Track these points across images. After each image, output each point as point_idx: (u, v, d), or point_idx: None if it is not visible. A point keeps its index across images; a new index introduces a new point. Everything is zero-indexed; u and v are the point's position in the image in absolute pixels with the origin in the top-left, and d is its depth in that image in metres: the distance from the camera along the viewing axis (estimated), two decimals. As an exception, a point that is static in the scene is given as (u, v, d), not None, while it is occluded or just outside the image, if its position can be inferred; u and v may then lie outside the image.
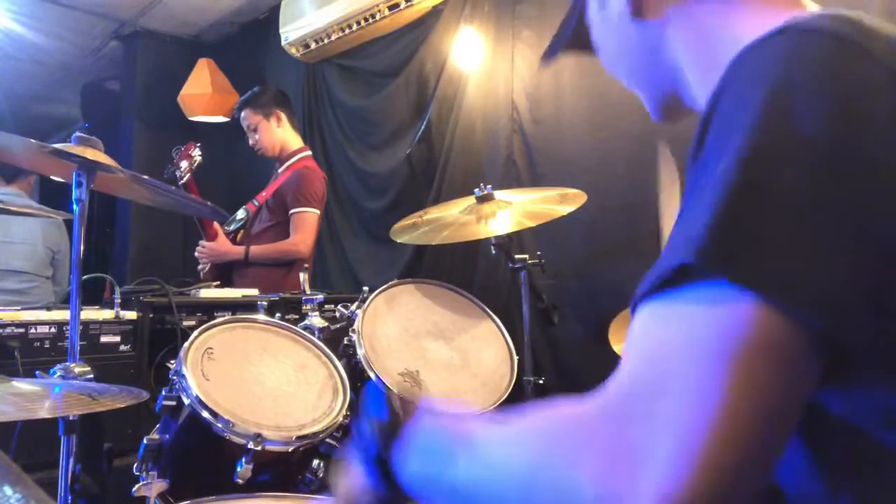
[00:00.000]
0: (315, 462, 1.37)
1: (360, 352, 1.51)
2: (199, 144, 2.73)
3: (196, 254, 2.82)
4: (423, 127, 3.21)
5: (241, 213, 2.93)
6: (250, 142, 2.95)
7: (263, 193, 2.91)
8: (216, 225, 2.79)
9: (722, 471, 0.39)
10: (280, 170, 2.94)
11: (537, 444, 0.47)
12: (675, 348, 0.43)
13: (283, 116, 2.93)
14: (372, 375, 1.47)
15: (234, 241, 2.86)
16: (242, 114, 2.94)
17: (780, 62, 0.49)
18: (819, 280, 0.42)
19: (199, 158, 2.70)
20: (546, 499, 0.44)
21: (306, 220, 2.78)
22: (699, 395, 0.41)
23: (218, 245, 2.77)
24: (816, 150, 0.44)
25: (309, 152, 3.02)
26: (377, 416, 0.63)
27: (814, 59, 0.48)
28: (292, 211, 2.78)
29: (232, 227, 2.89)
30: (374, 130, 3.51)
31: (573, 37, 0.81)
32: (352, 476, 0.67)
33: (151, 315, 2.07)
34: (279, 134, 2.93)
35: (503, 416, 0.53)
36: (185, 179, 2.66)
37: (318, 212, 2.82)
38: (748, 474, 0.41)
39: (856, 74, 0.47)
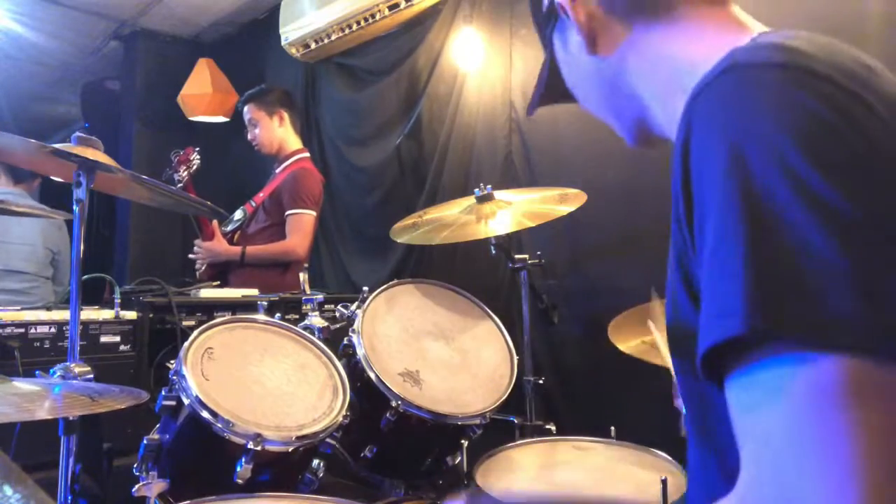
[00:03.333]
0: (315, 462, 1.37)
1: (360, 352, 1.51)
2: (197, 149, 2.74)
3: (192, 255, 2.82)
4: (411, 123, 3.22)
5: (238, 214, 2.93)
6: (249, 136, 2.95)
7: (261, 194, 2.91)
8: (214, 225, 2.79)
9: None
10: (277, 170, 2.94)
11: None
12: (784, 425, 0.42)
13: (286, 117, 2.94)
14: (372, 375, 1.47)
15: (231, 242, 2.86)
16: (246, 108, 2.94)
17: (732, 106, 0.50)
18: (870, 312, 0.42)
19: (197, 163, 2.70)
20: None
21: (302, 222, 2.78)
22: (829, 462, 0.40)
23: (214, 245, 2.77)
24: (806, 184, 0.44)
25: (307, 154, 3.02)
26: None
27: (770, 93, 0.49)
28: (288, 212, 2.78)
29: (229, 228, 2.90)
30: (361, 124, 3.52)
31: (551, 84, 0.86)
32: None
33: (151, 315, 2.07)
34: (279, 133, 2.93)
35: None
36: (183, 183, 2.67)
37: (314, 213, 2.83)
38: None
39: (802, 97, 0.48)
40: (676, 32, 0.67)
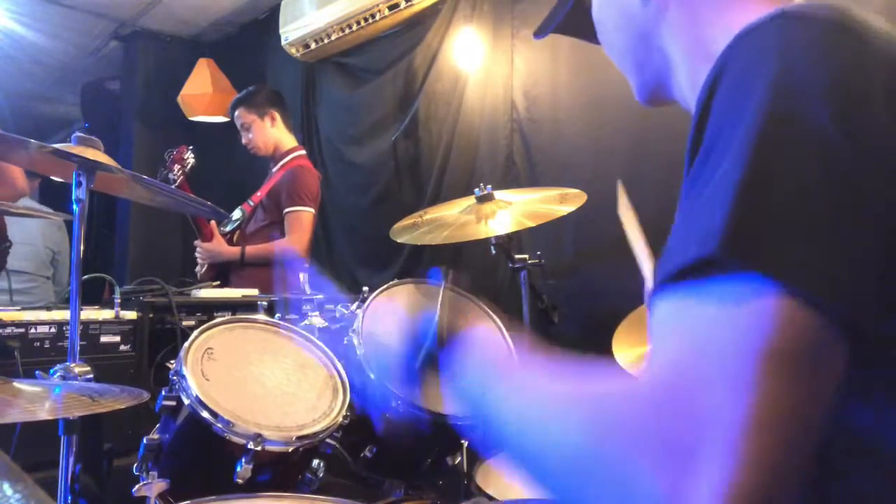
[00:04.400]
0: (315, 462, 1.37)
1: (360, 352, 1.50)
2: (191, 147, 2.73)
3: (196, 254, 2.82)
4: (407, 121, 3.22)
5: (236, 214, 2.93)
6: (243, 140, 2.95)
7: (259, 193, 2.91)
8: (212, 225, 2.79)
9: (769, 467, 0.40)
10: (274, 169, 2.94)
11: (594, 423, 0.47)
12: (712, 344, 0.43)
13: (278, 116, 2.93)
14: (372, 375, 1.47)
15: (230, 242, 2.85)
16: (236, 112, 2.94)
17: (777, 48, 0.49)
18: (838, 267, 0.43)
19: (191, 161, 2.70)
20: (604, 481, 0.44)
21: (301, 220, 2.78)
22: (741, 392, 0.41)
23: (214, 246, 2.77)
24: (824, 136, 0.45)
25: (303, 151, 3.02)
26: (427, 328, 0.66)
27: (810, 44, 0.48)
28: (286, 210, 2.78)
29: (228, 228, 2.89)
30: (356, 121, 3.52)
31: (571, 13, 0.82)
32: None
33: (151, 315, 2.07)
34: (273, 134, 2.93)
35: (546, 366, 0.55)
36: (178, 183, 2.66)
37: (312, 211, 2.82)
38: (793, 468, 0.41)
39: (852, 58, 0.48)
40: None
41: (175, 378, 1.29)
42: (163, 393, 1.30)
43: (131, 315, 2.04)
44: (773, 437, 0.40)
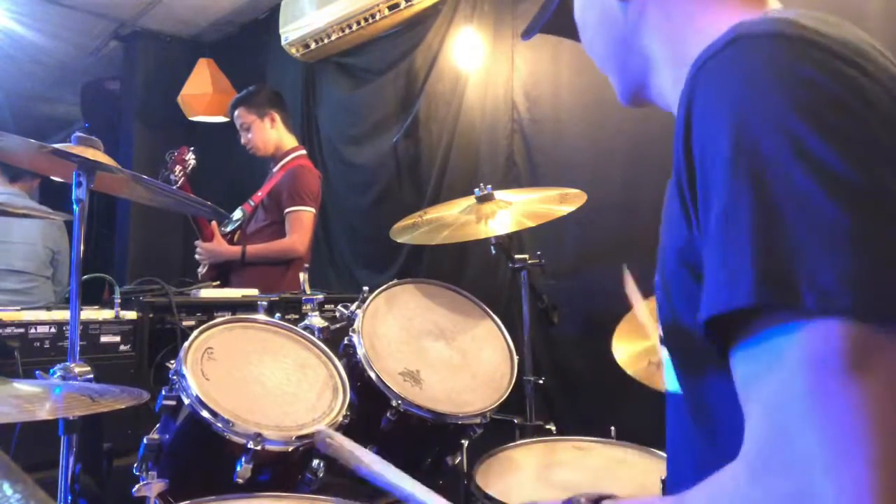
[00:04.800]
0: (315, 462, 1.37)
1: (360, 352, 1.51)
2: (192, 148, 2.73)
3: (196, 255, 2.82)
4: (408, 122, 3.22)
5: (237, 214, 2.93)
6: (242, 140, 2.95)
7: (259, 193, 2.91)
8: (213, 225, 2.79)
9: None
10: (275, 169, 2.94)
11: None
12: (790, 390, 0.43)
13: (278, 117, 2.93)
14: (372, 375, 1.47)
15: (231, 242, 2.85)
16: (236, 112, 2.94)
17: (735, 76, 0.50)
18: (869, 274, 0.42)
19: (192, 162, 2.70)
20: None
21: (302, 219, 2.78)
22: (836, 427, 0.40)
23: (215, 246, 2.77)
24: (808, 153, 0.45)
25: (303, 151, 3.02)
26: None
27: (766, 65, 0.49)
28: (287, 210, 2.78)
29: (229, 228, 2.89)
30: (357, 122, 3.52)
31: (556, 14, 0.83)
32: None
33: (151, 315, 2.07)
34: (272, 134, 2.93)
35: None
36: (179, 183, 2.66)
37: (313, 210, 2.82)
38: None
39: (807, 68, 0.48)
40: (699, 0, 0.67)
41: (175, 378, 1.29)
42: (163, 393, 1.30)
43: (131, 315, 2.04)
44: (891, 465, 0.39)
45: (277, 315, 1.56)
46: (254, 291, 2.35)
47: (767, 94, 0.47)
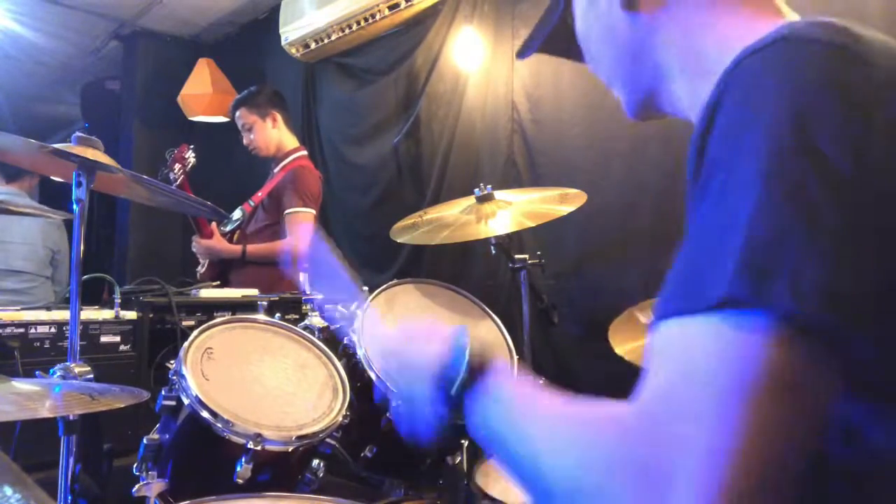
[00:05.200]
0: (315, 462, 1.37)
1: (359, 352, 1.50)
2: (192, 146, 2.73)
3: (193, 248, 2.82)
4: (409, 122, 3.22)
5: (237, 214, 2.92)
6: (244, 141, 2.95)
7: (259, 193, 2.91)
8: (213, 225, 2.79)
9: (749, 495, 0.41)
10: (275, 170, 2.94)
11: (579, 446, 0.49)
12: (701, 374, 0.44)
13: (279, 117, 2.93)
14: (372, 375, 1.47)
15: (230, 242, 2.85)
16: (238, 113, 2.93)
17: (779, 76, 0.48)
18: (832, 289, 0.43)
19: (192, 160, 2.70)
20: (589, 498, 0.46)
21: (302, 220, 2.78)
22: (724, 424, 0.42)
23: (212, 242, 2.76)
24: (833, 169, 0.44)
25: (304, 152, 3.02)
26: (457, 365, 0.66)
27: (814, 72, 0.48)
28: (287, 210, 2.78)
29: (228, 228, 2.89)
30: (358, 122, 3.52)
31: (556, 32, 0.82)
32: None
33: (151, 315, 2.07)
34: (274, 134, 2.93)
35: (556, 394, 0.57)
36: (178, 182, 2.66)
37: (313, 211, 2.82)
38: (774, 495, 0.42)
39: (861, 83, 0.47)
40: (715, 9, 0.65)
41: (175, 378, 1.29)
42: (163, 393, 1.30)
43: (131, 315, 2.04)
44: (753, 468, 0.41)
45: (277, 315, 1.57)
46: (254, 291, 2.35)
47: (802, 98, 0.46)
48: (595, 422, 0.50)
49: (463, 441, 1.56)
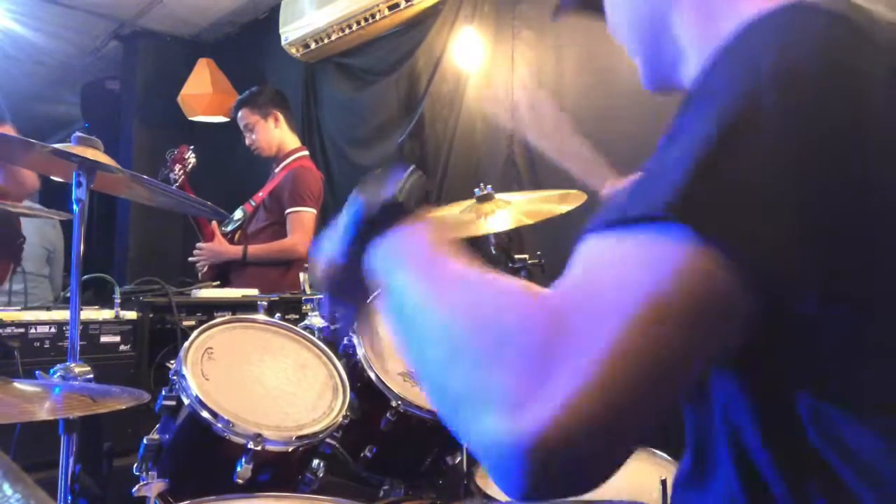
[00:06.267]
0: (315, 462, 1.37)
1: (360, 352, 1.50)
2: (192, 147, 2.74)
3: (193, 256, 2.81)
4: (413, 123, 3.22)
5: (238, 214, 2.93)
6: (247, 141, 2.95)
7: (260, 193, 2.91)
8: (213, 225, 2.79)
9: (617, 401, 0.41)
10: (276, 170, 2.94)
11: (481, 313, 0.49)
12: (608, 276, 0.45)
13: (281, 117, 2.93)
14: (372, 375, 1.47)
15: (231, 242, 2.85)
16: (240, 113, 2.93)
17: (778, 36, 0.50)
18: (759, 228, 0.43)
19: (192, 161, 2.70)
20: (465, 370, 0.46)
21: (303, 220, 2.78)
22: (611, 324, 0.42)
23: (216, 245, 2.77)
24: (798, 126, 0.45)
25: (306, 152, 3.02)
26: (386, 195, 0.65)
27: (811, 34, 0.49)
28: (289, 210, 2.78)
29: (229, 228, 2.89)
30: (362, 123, 3.52)
31: None
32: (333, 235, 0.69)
33: (151, 315, 2.07)
34: (276, 134, 2.93)
35: (474, 262, 0.56)
36: (179, 182, 2.67)
37: (314, 211, 2.82)
38: (643, 410, 0.43)
39: (848, 50, 0.48)
40: None
41: (175, 378, 1.29)
42: (163, 393, 1.30)
43: (131, 315, 2.04)
44: (629, 375, 0.41)
45: (277, 315, 1.57)
46: (254, 291, 2.35)
47: (785, 63, 0.47)
48: (502, 295, 0.50)
49: (463, 441, 1.56)
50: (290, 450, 1.26)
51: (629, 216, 0.46)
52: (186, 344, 1.31)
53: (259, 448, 1.21)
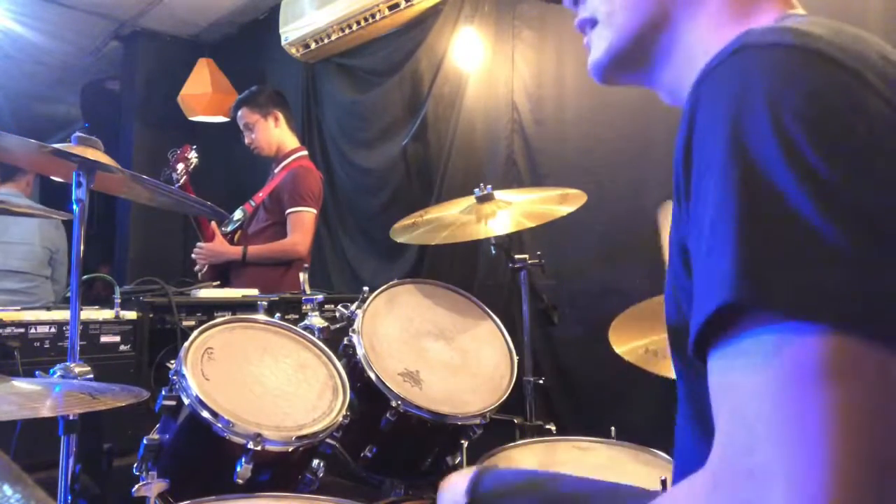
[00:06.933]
0: (315, 462, 1.37)
1: (360, 352, 1.51)
2: (195, 147, 2.74)
3: (193, 255, 2.81)
4: (417, 124, 3.22)
5: (238, 214, 2.93)
6: (246, 141, 2.95)
7: (260, 194, 2.91)
8: (213, 225, 2.79)
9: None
10: (276, 170, 2.94)
11: None
12: (761, 398, 0.42)
13: (281, 116, 2.93)
14: (372, 376, 1.47)
15: (231, 242, 2.85)
16: (239, 112, 2.93)
17: (733, 87, 0.50)
18: (857, 286, 0.42)
19: (195, 161, 2.70)
20: None
21: (303, 220, 2.78)
22: (801, 439, 0.40)
23: (216, 246, 2.77)
24: (802, 162, 0.45)
25: (305, 152, 3.02)
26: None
27: (766, 74, 0.49)
28: (289, 210, 2.78)
29: (229, 228, 2.89)
30: (366, 126, 3.52)
31: None
32: None
33: (151, 315, 2.07)
34: (276, 134, 2.93)
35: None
36: (181, 182, 2.67)
37: (314, 211, 2.82)
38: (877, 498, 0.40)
39: (808, 78, 0.48)
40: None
41: (175, 378, 1.29)
42: (163, 393, 1.30)
43: (131, 315, 2.04)
44: (848, 480, 0.39)
45: (277, 315, 1.56)
46: (254, 291, 2.35)
47: (763, 103, 0.47)
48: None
49: (463, 441, 1.56)
50: (290, 450, 1.26)
51: (714, 321, 0.45)
52: (186, 344, 1.31)
53: (259, 448, 1.20)
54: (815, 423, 0.40)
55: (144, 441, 1.27)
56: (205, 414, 1.21)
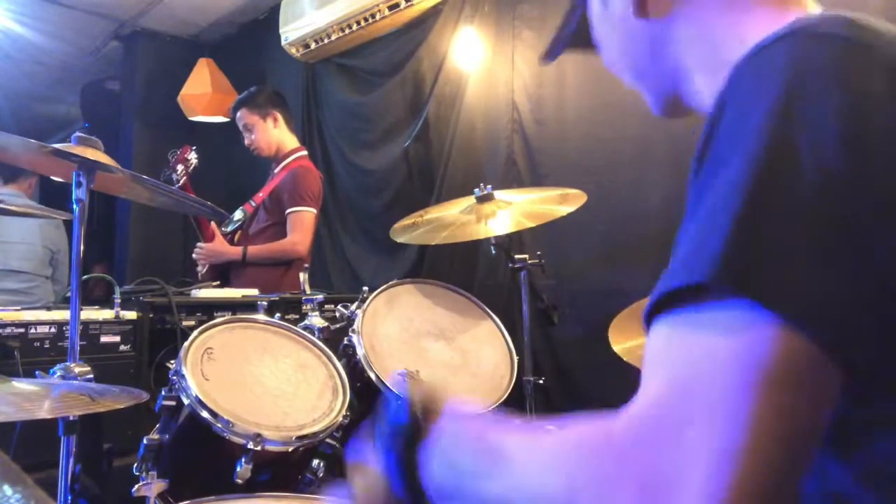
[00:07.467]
0: (315, 462, 1.37)
1: (360, 352, 1.51)
2: (194, 147, 2.74)
3: (193, 255, 2.82)
4: (419, 125, 3.22)
5: (238, 214, 2.93)
6: (246, 142, 2.95)
7: (260, 194, 2.91)
8: (213, 226, 2.79)
9: (755, 497, 0.40)
10: (276, 170, 2.94)
11: (572, 468, 0.46)
12: (702, 374, 0.43)
13: (280, 117, 2.93)
14: (372, 375, 1.47)
15: (231, 243, 2.86)
16: (238, 113, 2.93)
17: (785, 69, 0.48)
18: (834, 298, 0.42)
19: (195, 161, 2.70)
20: None
21: (303, 220, 2.78)
22: (728, 424, 0.41)
23: (216, 246, 2.77)
24: (827, 163, 0.44)
25: (305, 152, 3.02)
26: (399, 418, 0.61)
27: (821, 65, 0.47)
28: (289, 210, 2.78)
29: (229, 228, 2.89)
30: (369, 127, 3.51)
31: (576, 33, 0.81)
32: (370, 477, 0.65)
33: (151, 315, 2.07)
34: (275, 134, 2.93)
35: (529, 425, 0.54)
36: (181, 182, 2.67)
37: (314, 211, 2.82)
38: (780, 496, 0.41)
39: (863, 80, 0.47)
40: (733, 4, 0.65)
41: (175, 378, 1.29)
42: (163, 393, 1.30)
43: (131, 315, 2.04)
44: (760, 470, 0.40)
45: (277, 315, 1.57)
46: (254, 291, 2.35)
47: (812, 100, 0.46)
48: (579, 442, 0.47)
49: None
50: (289, 450, 1.26)
51: (683, 294, 0.45)
52: (186, 344, 1.31)
53: (259, 448, 1.20)
54: (753, 419, 0.40)
55: (144, 441, 1.27)
56: (204, 414, 1.21)
